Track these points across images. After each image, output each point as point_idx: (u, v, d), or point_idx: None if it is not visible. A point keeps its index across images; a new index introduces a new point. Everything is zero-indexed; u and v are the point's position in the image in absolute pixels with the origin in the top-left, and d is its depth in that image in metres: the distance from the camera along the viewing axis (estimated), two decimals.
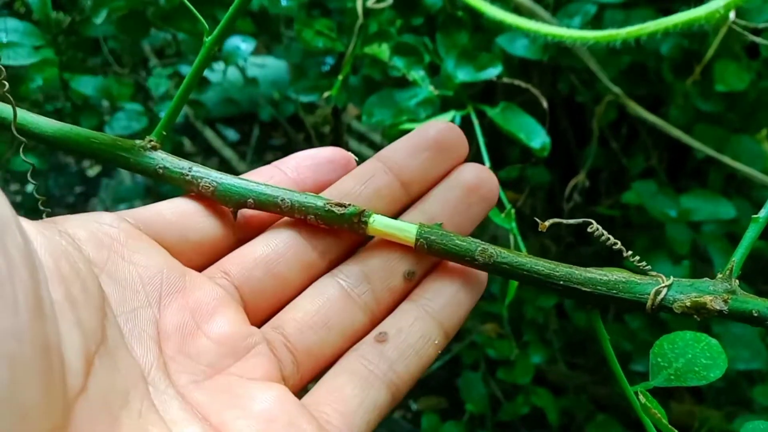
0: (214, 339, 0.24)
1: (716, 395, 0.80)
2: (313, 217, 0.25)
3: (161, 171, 0.26)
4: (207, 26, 0.26)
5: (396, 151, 0.28)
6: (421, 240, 0.24)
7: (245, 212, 0.27)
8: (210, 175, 0.26)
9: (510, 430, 0.96)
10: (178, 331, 0.23)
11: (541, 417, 0.91)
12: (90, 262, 0.22)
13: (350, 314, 0.26)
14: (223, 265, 0.26)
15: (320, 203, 0.25)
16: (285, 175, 0.28)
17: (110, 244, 0.23)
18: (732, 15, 0.37)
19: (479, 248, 0.23)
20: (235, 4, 0.25)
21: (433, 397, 1.28)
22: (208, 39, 0.26)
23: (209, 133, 1.94)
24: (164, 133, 0.27)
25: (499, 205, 0.45)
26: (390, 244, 0.26)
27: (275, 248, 0.26)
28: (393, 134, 0.56)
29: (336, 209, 0.25)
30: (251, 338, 0.24)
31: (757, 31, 0.44)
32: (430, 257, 0.26)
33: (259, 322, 0.26)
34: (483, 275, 0.26)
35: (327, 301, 0.25)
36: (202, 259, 0.26)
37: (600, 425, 0.81)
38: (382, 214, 0.26)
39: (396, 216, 0.27)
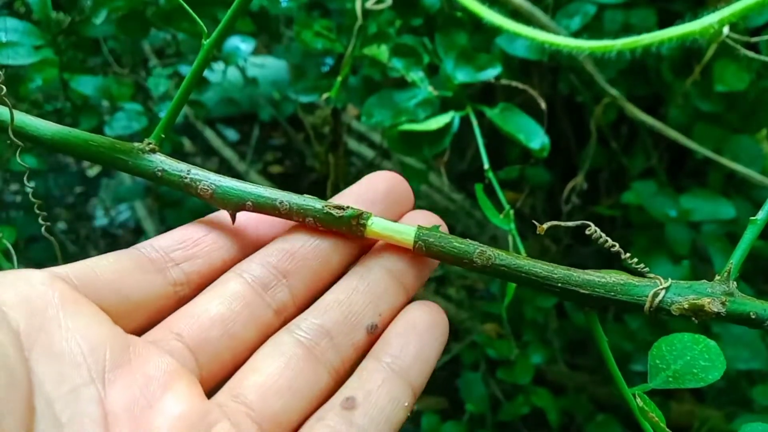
0: (169, 420, 0.20)
1: (716, 395, 0.80)
2: (311, 219, 0.25)
3: (160, 174, 0.26)
4: (206, 29, 0.26)
5: (347, 200, 0.27)
6: (420, 242, 0.24)
7: (186, 268, 0.25)
8: (209, 178, 0.26)
9: (510, 430, 0.96)
10: (128, 412, 0.20)
11: (541, 417, 0.91)
12: (19, 336, 0.19)
13: (315, 374, 0.23)
14: (174, 326, 0.23)
15: (319, 206, 0.25)
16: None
17: (44, 309, 0.20)
18: (726, 30, 0.37)
19: (477, 250, 0.23)
20: (233, 7, 0.25)
21: (433, 397, 1.28)
22: (206, 42, 0.26)
23: (209, 133, 1.94)
24: (163, 135, 0.27)
25: (498, 205, 0.45)
26: (349, 292, 0.25)
27: (230, 306, 0.24)
28: (393, 135, 0.56)
29: (334, 212, 0.25)
30: (210, 415, 0.21)
31: (755, 32, 0.44)
32: (390, 301, 0.25)
33: (214, 388, 0.23)
34: (445, 319, 0.25)
35: (289, 362, 0.23)
36: (145, 321, 0.24)
37: (600, 425, 0.81)
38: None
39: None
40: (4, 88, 0.24)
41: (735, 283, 0.21)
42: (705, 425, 0.78)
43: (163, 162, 0.26)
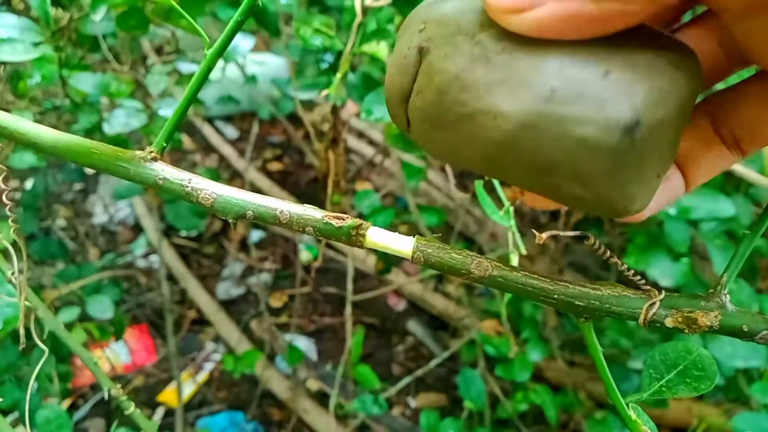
0: None
1: (715, 392, 0.80)
2: (311, 229, 0.25)
3: (161, 182, 0.26)
4: (206, 32, 0.26)
5: None
6: (418, 253, 0.24)
7: None
8: (209, 187, 0.26)
9: (509, 427, 0.97)
10: None
11: (539, 414, 0.92)
12: None
13: None
14: None
15: (318, 216, 0.25)
16: None
17: None
18: None
19: (475, 261, 0.24)
20: (237, 16, 0.25)
21: (432, 394, 1.28)
22: (209, 52, 0.26)
23: (208, 130, 1.94)
24: (165, 144, 0.27)
25: (498, 203, 0.45)
26: None
27: None
28: (393, 132, 0.56)
29: (334, 222, 0.25)
30: None
31: None
32: None
33: None
34: None
35: None
36: None
37: (598, 422, 0.81)
38: None
39: None
40: None
41: (728, 296, 0.22)
42: (703, 422, 0.78)
43: (164, 171, 0.26)
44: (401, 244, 0.25)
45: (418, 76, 0.21)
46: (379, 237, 0.25)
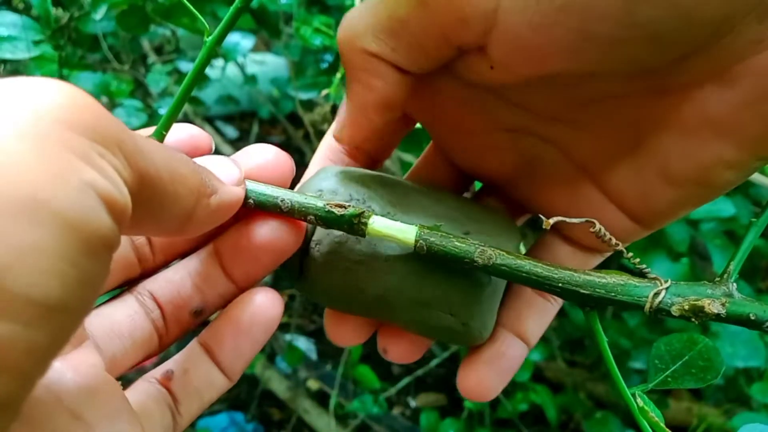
0: None
1: (715, 393, 0.80)
2: (313, 217, 0.25)
3: None
4: (207, 25, 0.25)
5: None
6: (421, 241, 0.24)
7: None
8: None
9: (509, 427, 0.97)
10: None
11: (539, 414, 0.92)
12: None
13: (150, 333, 0.26)
14: None
15: (320, 204, 0.25)
16: None
17: None
18: None
19: (478, 250, 0.23)
20: (236, 4, 0.25)
21: (432, 394, 1.28)
22: (208, 39, 0.25)
23: (208, 130, 1.93)
24: (164, 132, 0.26)
25: None
26: (183, 273, 0.26)
27: None
28: None
29: (336, 210, 0.25)
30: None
31: None
32: (218, 293, 0.26)
33: None
34: (273, 314, 0.26)
35: (133, 315, 0.26)
36: None
37: (598, 422, 0.81)
38: None
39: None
40: None
41: (735, 284, 0.21)
42: (703, 423, 0.78)
43: None
44: (404, 232, 0.24)
45: (315, 234, 0.26)
46: (381, 225, 0.24)
